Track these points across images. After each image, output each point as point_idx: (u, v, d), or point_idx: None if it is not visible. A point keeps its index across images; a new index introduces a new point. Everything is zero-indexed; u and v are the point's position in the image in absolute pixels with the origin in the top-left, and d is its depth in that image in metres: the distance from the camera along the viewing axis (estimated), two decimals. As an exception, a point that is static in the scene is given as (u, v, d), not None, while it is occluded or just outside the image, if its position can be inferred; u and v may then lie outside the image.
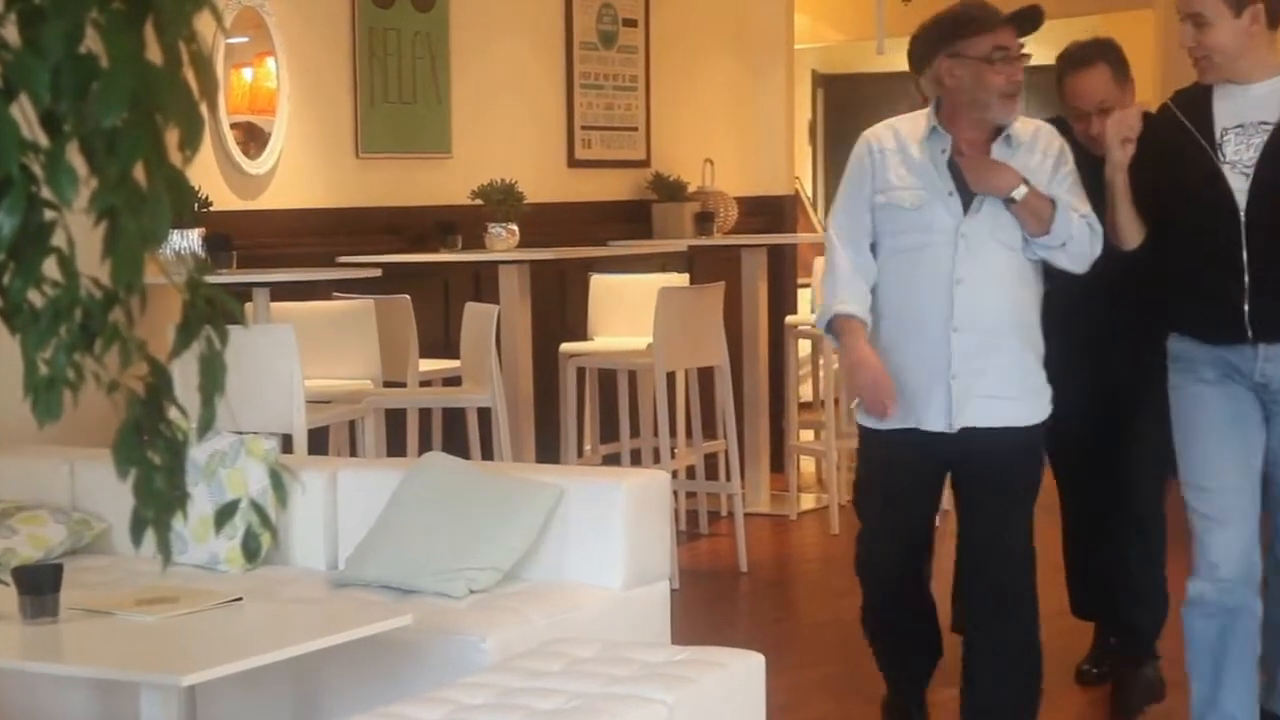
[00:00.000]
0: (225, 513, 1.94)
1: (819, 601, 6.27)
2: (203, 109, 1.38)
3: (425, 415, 6.41)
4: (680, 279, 7.38)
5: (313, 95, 6.48)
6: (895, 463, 4.03)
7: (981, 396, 3.92)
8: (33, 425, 1.45)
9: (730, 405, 6.63)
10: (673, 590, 4.53)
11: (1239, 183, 3.75)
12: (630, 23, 8.00)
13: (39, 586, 3.55)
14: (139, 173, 1.35)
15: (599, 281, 7.32)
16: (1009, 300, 3.93)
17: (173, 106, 1.35)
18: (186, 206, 1.40)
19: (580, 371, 6.94)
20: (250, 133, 6.25)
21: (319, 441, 5.66)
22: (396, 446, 6.15)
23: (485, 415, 6.17)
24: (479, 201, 6.64)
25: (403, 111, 6.82)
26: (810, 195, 11.58)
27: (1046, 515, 4.36)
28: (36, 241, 1.36)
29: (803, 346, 8.38)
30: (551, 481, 4.29)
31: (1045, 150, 3.98)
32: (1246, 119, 3.77)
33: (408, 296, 6.19)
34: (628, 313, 7.10)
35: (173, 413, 1.45)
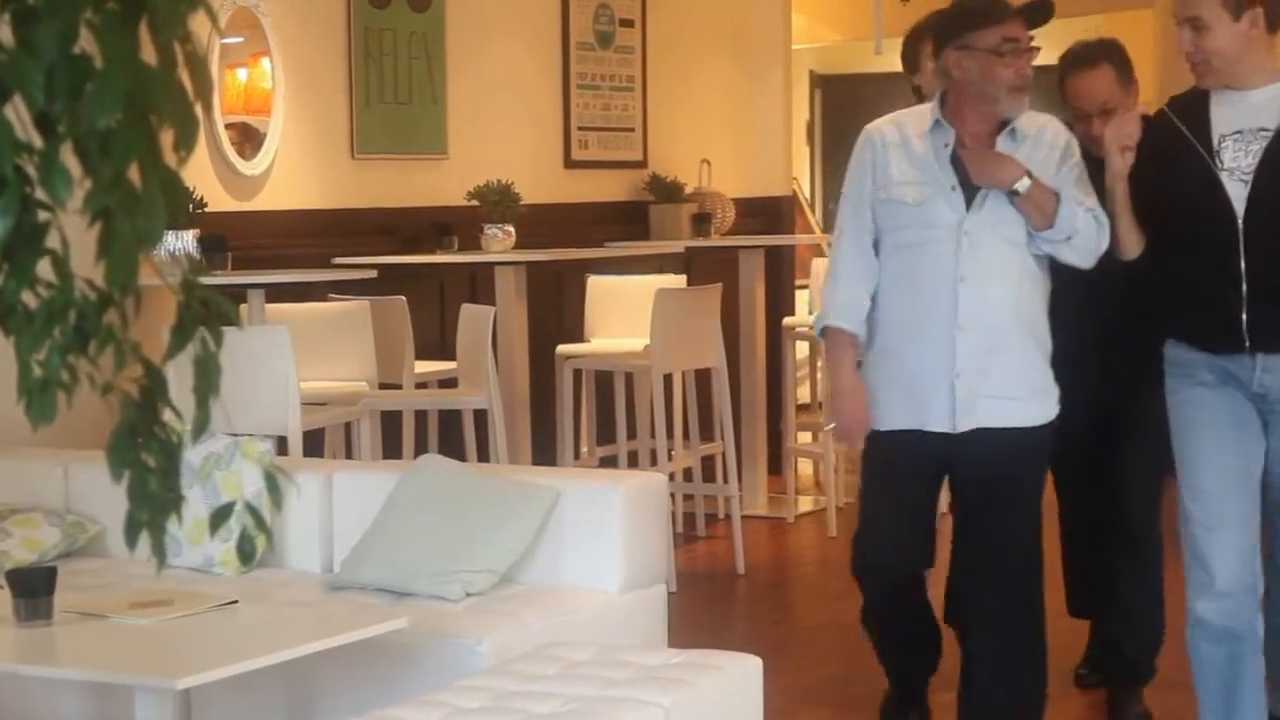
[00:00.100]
0: (220, 515, 1.93)
1: (817, 604, 6.27)
2: (197, 109, 1.37)
3: (421, 417, 6.40)
4: (677, 280, 7.38)
5: (308, 96, 6.46)
6: (897, 464, 4.00)
7: (986, 397, 3.87)
8: (27, 427, 1.45)
9: (727, 407, 6.62)
10: (670, 593, 4.53)
11: (1237, 190, 3.70)
12: (627, 23, 7.99)
13: (33, 589, 3.54)
14: (133, 174, 1.35)
15: (596, 283, 7.31)
16: (1014, 297, 3.88)
17: (167, 107, 1.35)
18: (181, 207, 1.39)
19: (577, 373, 6.94)
20: (245, 133, 6.24)
21: (314, 444, 5.65)
22: (392, 449, 6.15)
23: (481, 417, 6.16)
24: (475, 202, 6.63)
25: (398, 112, 6.81)
26: (808, 196, 11.58)
27: (1047, 510, 4.33)
28: (31, 243, 1.36)
29: (800, 348, 8.37)
30: (548, 484, 4.29)
31: (1051, 143, 3.93)
32: (1245, 125, 3.72)
33: (403, 298, 6.19)
34: (624, 314, 7.09)
35: (167, 415, 1.44)
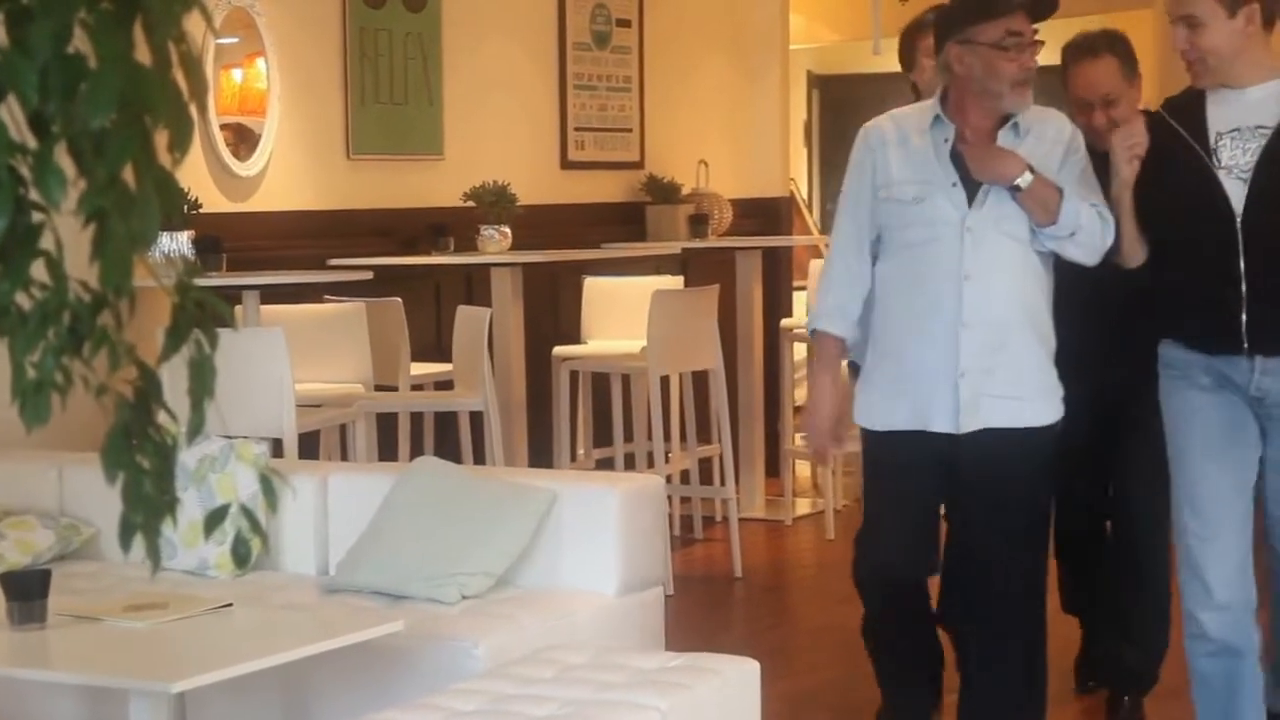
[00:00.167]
0: (215, 518, 1.92)
1: (814, 607, 6.26)
2: (192, 110, 1.37)
3: (417, 419, 6.39)
4: (674, 282, 7.38)
5: (303, 96, 6.45)
6: (900, 465, 3.92)
7: (991, 396, 3.81)
8: (20, 429, 1.45)
9: (725, 409, 6.61)
10: (667, 596, 4.52)
11: (1235, 188, 3.64)
12: (624, 23, 7.98)
13: (27, 592, 3.54)
14: (128, 174, 1.35)
15: (592, 284, 7.30)
16: (1019, 294, 3.82)
17: (162, 108, 1.35)
18: (176, 208, 1.39)
19: (573, 375, 6.92)
20: (240, 134, 6.23)
21: (309, 446, 5.65)
22: (388, 451, 6.14)
23: (477, 419, 6.15)
24: (471, 203, 6.62)
25: (394, 112, 6.80)
26: (805, 197, 11.57)
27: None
28: (24, 244, 1.35)
29: (798, 350, 8.36)
30: (544, 486, 4.28)
31: (1055, 138, 3.86)
32: (1242, 123, 3.67)
33: (399, 299, 6.18)
34: (621, 316, 7.09)
35: (162, 417, 1.44)
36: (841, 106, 11.40)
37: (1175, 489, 3.81)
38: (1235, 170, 3.65)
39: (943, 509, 4.05)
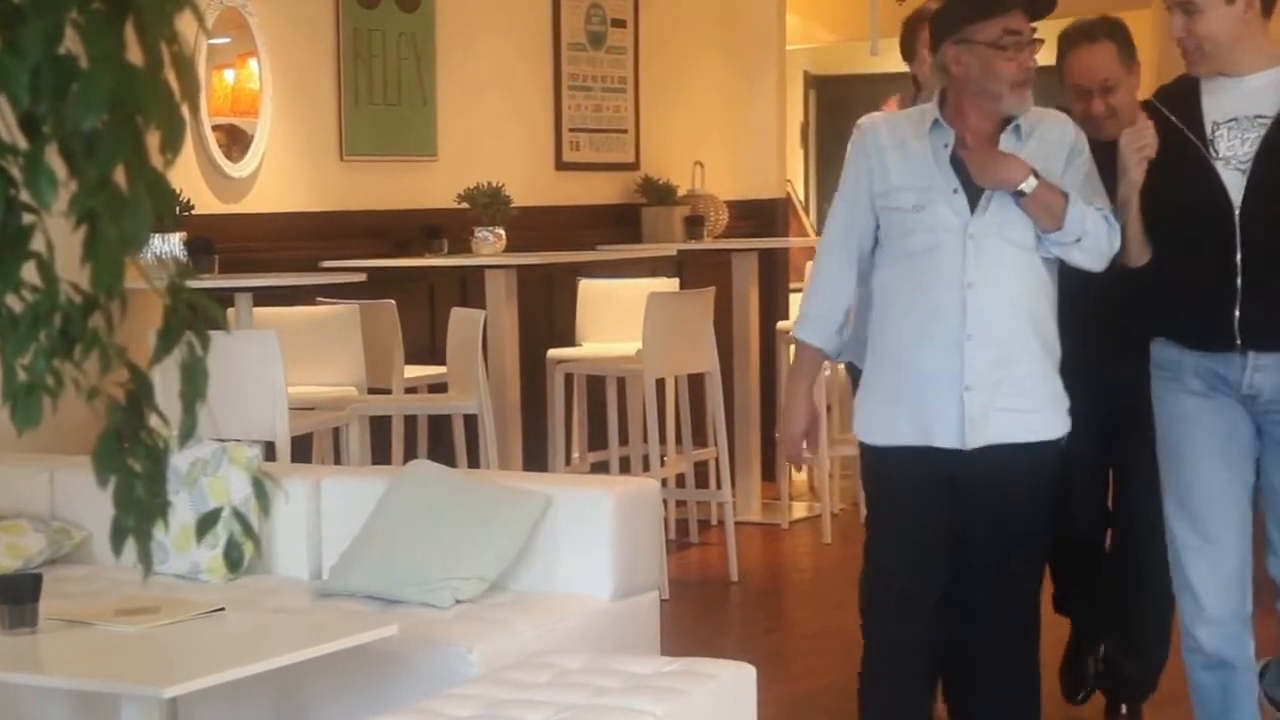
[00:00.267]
0: (207, 521, 1.92)
1: (811, 612, 6.25)
2: (184, 111, 1.36)
3: (410, 422, 6.38)
4: (670, 284, 7.38)
5: (296, 97, 6.43)
6: (903, 483, 3.75)
7: (998, 410, 3.67)
8: (11, 433, 1.44)
9: (721, 412, 6.59)
10: (662, 600, 4.51)
11: (1234, 179, 3.55)
12: (619, 23, 7.96)
13: (18, 596, 3.53)
14: (119, 176, 1.34)
15: (587, 286, 7.29)
16: (1024, 303, 3.69)
17: (154, 108, 1.34)
18: (168, 210, 1.39)
19: (568, 378, 6.91)
20: (232, 135, 6.21)
21: (302, 449, 5.63)
22: (381, 454, 6.12)
23: (471, 422, 6.14)
24: (465, 205, 6.61)
25: (388, 113, 6.78)
26: (802, 198, 11.56)
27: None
28: (15, 245, 1.35)
29: (794, 352, 8.33)
30: (539, 490, 4.27)
31: (1059, 139, 3.73)
32: (1240, 112, 3.57)
33: (393, 301, 6.17)
34: (616, 318, 7.07)
35: (154, 420, 1.43)
36: (838, 107, 11.37)
37: (1166, 497, 3.74)
38: (1234, 161, 3.56)
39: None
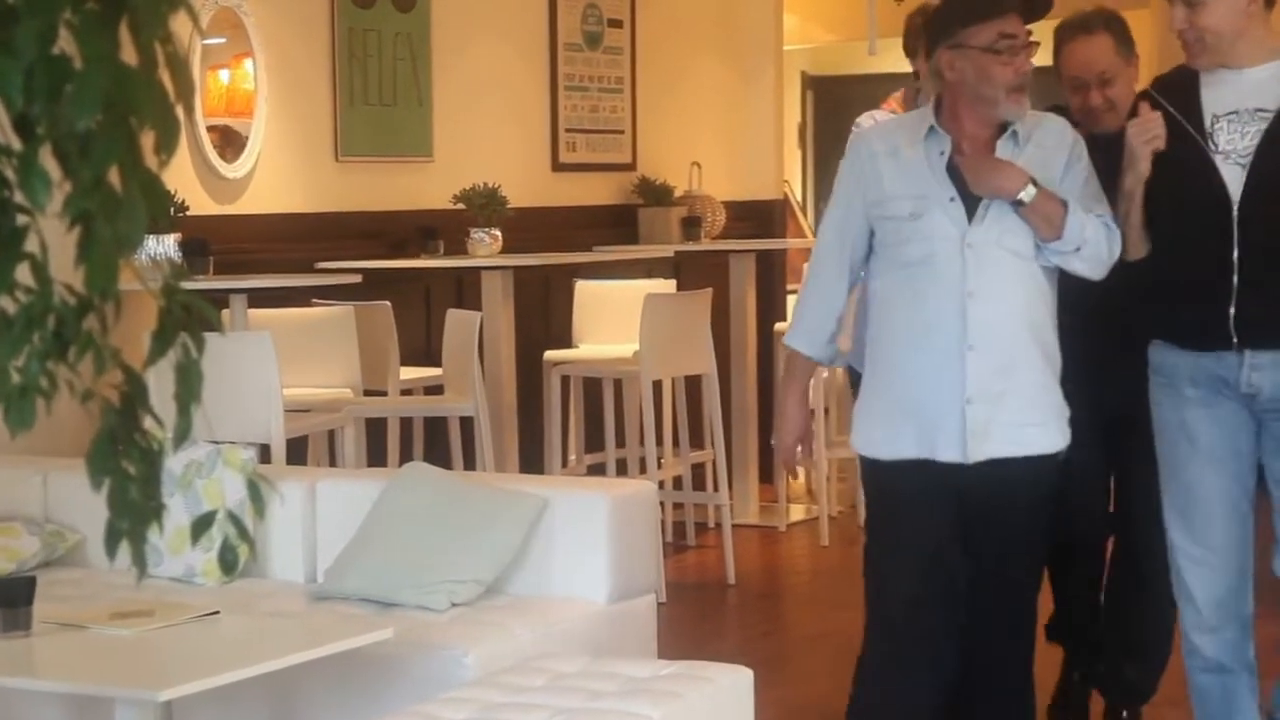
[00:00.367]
0: (202, 524, 1.92)
1: (809, 614, 6.24)
2: (179, 111, 1.36)
3: (406, 424, 6.37)
4: (667, 285, 7.37)
5: (291, 97, 6.42)
6: (906, 498, 3.65)
7: (1001, 423, 3.59)
8: (4, 435, 1.44)
9: (718, 414, 6.58)
10: (659, 603, 4.50)
11: (1233, 174, 3.49)
12: (616, 23, 7.95)
13: (12, 599, 3.52)
14: (113, 177, 1.34)
15: (584, 288, 7.28)
16: (1024, 313, 3.61)
17: (148, 109, 1.34)
18: (162, 211, 1.39)
19: (565, 380, 6.90)
20: (227, 136, 6.20)
21: (297, 451, 5.62)
22: (377, 456, 6.11)
23: (468, 424, 6.13)
24: (461, 206, 6.59)
25: (383, 114, 6.77)
26: (800, 199, 11.56)
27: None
28: (9, 247, 1.35)
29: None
30: (535, 492, 4.26)
31: (1056, 144, 3.63)
32: (1241, 106, 3.51)
33: (388, 303, 6.16)
34: (613, 320, 7.06)
35: (148, 422, 1.44)
36: (836, 108, 11.35)
37: (1165, 506, 3.71)
38: (1233, 155, 3.51)
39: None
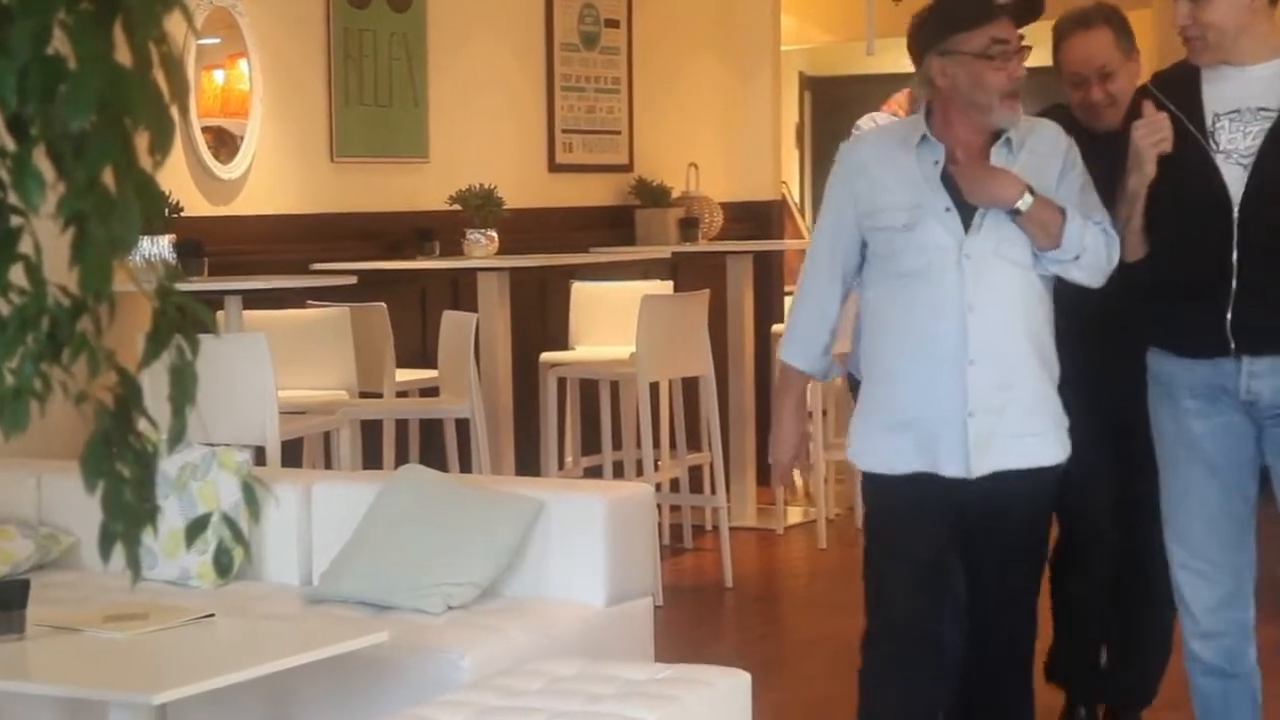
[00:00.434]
0: (196, 527, 1.92)
1: (806, 617, 6.23)
2: (173, 112, 1.36)
3: (402, 426, 6.36)
4: (664, 286, 7.36)
5: (286, 98, 6.40)
6: (907, 513, 3.58)
7: (1004, 436, 3.52)
8: None
9: (715, 416, 6.57)
10: (656, 606, 4.50)
11: (1234, 174, 3.44)
12: (612, 23, 7.94)
13: (6, 602, 3.52)
14: (108, 177, 1.34)
15: (580, 289, 7.27)
16: (1024, 324, 3.51)
17: (142, 109, 1.34)
18: (157, 212, 1.38)
19: (561, 381, 6.89)
20: (222, 137, 6.18)
21: (293, 453, 5.61)
22: (372, 458, 6.10)
23: (463, 426, 6.12)
24: (457, 207, 6.58)
25: (379, 114, 6.76)
26: (797, 200, 11.55)
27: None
28: (3, 248, 1.35)
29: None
30: (531, 495, 4.25)
31: (1051, 150, 3.55)
32: (1243, 104, 3.46)
33: (384, 304, 6.15)
34: (610, 321, 7.05)
35: (142, 424, 1.43)
36: (834, 108, 11.35)
37: (1164, 515, 3.68)
38: (1234, 155, 3.46)
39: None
